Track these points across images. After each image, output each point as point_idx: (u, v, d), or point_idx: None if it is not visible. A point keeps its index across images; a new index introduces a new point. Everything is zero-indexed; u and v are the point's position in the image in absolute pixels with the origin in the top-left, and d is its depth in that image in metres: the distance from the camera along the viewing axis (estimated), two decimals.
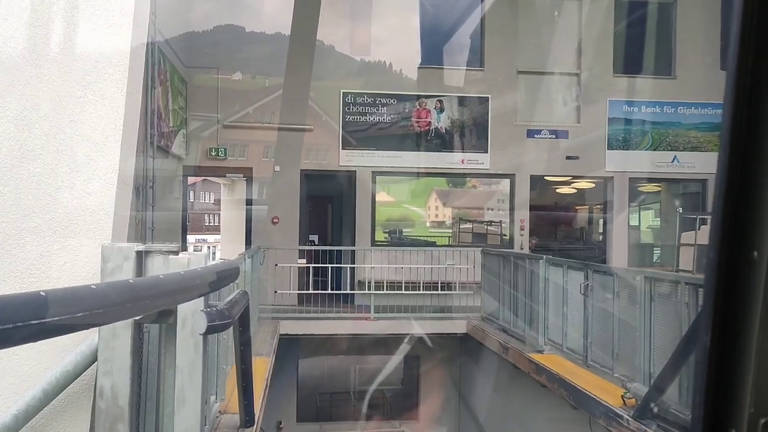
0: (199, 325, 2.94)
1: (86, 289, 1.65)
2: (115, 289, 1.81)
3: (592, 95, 12.85)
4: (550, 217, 15.71)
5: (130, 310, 1.86)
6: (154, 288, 1.97)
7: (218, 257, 23.16)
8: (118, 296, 1.79)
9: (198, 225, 52.79)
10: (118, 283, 1.85)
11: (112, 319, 1.76)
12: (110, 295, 1.76)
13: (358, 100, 12.34)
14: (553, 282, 7.72)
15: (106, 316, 1.72)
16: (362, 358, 12.53)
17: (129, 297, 1.82)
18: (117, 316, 1.79)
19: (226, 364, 5.30)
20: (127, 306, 1.82)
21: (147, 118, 8.49)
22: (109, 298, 1.74)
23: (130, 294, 1.84)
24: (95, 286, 1.68)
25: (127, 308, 1.84)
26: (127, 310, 1.84)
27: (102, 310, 1.71)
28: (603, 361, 6.45)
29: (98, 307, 1.70)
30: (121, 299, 1.79)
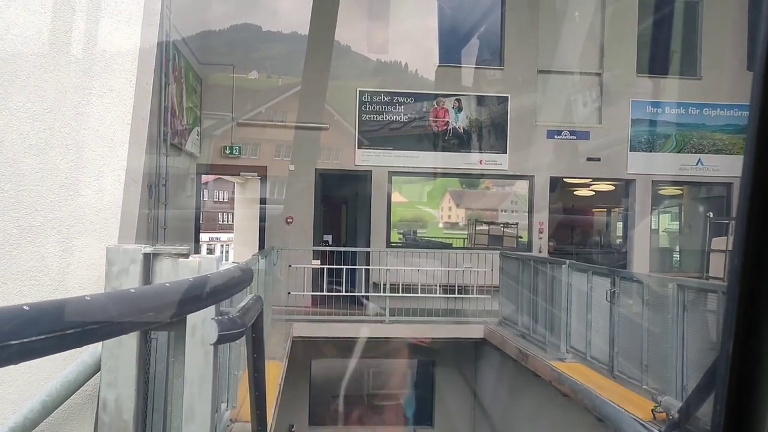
0: (209, 335, 2.72)
1: (79, 302, 1.43)
2: (112, 300, 1.60)
3: (615, 96, 12.54)
4: (568, 219, 15.40)
5: (130, 324, 1.65)
6: (159, 298, 1.76)
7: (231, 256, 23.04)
8: (116, 309, 1.57)
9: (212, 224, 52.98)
10: (116, 294, 1.64)
11: (109, 335, 1.54)
12: (107, 308, 1.54)
13: (375, 98, 12.12)
14: (576, 288, 7.45)
15: (102, 332, 1.50)
16: (376, 362, 12.31)
17: (129, 310, 1.60)
18: (114, 331, 1.58)
19: (237, 369, 5.09)
20: (127, 320, 1.61)
21: (160, 114, 8.32)
22: (106, 311, 1.52)
23: (131, 306, 1.62)
24: (90, 298, 1.46)
25: (126, 323, 1.62)
26: (126, 325, 1.62)
27: (97, 325, 1.50)
28: (631, 372, 6.17)
29: (92, 322, 1.48)
30: (120, 313, 1.57)
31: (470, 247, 12.90)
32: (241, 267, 3.15)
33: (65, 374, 2.79)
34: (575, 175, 12.87)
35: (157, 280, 2.88)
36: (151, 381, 3.12)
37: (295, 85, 12.23)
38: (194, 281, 2.29)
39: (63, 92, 3.06)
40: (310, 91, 11.93)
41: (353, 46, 12.74)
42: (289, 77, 12.43)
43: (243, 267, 3.18)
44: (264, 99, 12.14)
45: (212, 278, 2.54)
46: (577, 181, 13.76)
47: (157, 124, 8.27)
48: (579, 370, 7.12)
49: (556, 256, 11.47)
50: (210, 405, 2.94)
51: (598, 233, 15.45)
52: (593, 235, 15.56)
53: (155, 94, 8.29)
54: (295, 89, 12.20)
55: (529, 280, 8.93)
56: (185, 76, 10.15)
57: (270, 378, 6.45)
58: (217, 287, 2.57)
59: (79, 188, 3.02)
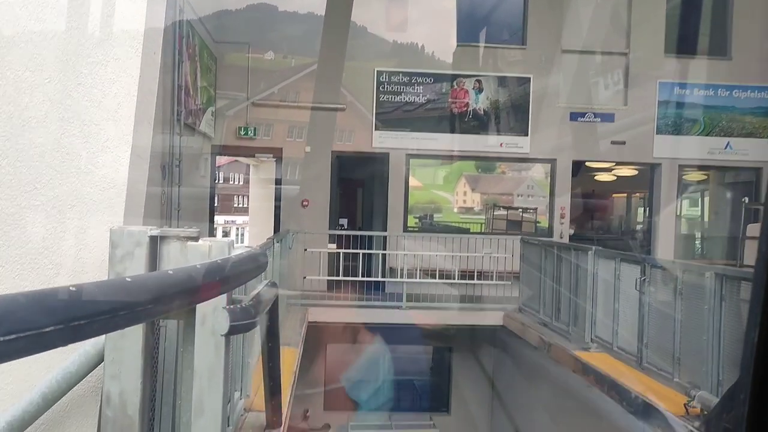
0: (220, 326, 2.50)
1: (60, 293, 1.21)
2: (102, 291, 1.37)
3: (641, 76, 12.12)
4: (588, 205, 15.06)
5: (124, 318, 1.41)
6: (159, 289, 1.53)
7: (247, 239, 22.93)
8: (106, 302, 1.35)
9: (227, 206, 53.03)
10: (107, 284, 1.41)
11: (97, 332, 1.31)
12: (96, 300, 1.31)
13: (393, 79, 11.81)
14: (602, 275, 7.16)
15: (90, 328, 1.28)
16: (392, 347, 12.12)
17: (122, 304, 1.37)
18: (104, 327, 1.35)
19: (251, 357, 4.90)
20: (120, 314, 1.38)
21: (174, 93, 8.10)
22: (96, 305, 1.29)
23: (125, 298, 1.39)
24: (75, 288, 1.24)
25: (120, 317, 1.39)
26: (120, 319, 1.39)
27: (84, 321, 1.27)
28: (661, 364, 5.90)
29: (78, 317, 1.25)
30: (111, 307, 1.35)
31: (488, 232, 12.62)
32: (254, 252, 2.92)
33: (66, 366, 2.58)
34: (599, 159, 12.50)
35: (164, 265, 2.66)
36: (160, 372, 2.91)
37: (311, 65, 11.95)
38: (202, 268, 2.06)
39: (64, 61, 2.82)
40: (327, 72, 11.65)
41: (370, 26, 12.40)
42: (305, 57, 12.13)
43: (257, 252, 2.95)
44: (279, 79, 11.87)
45: (224, 265, 2.32)
46: (599, 165, 13.38)
47: (170, 103, 8.05)
48: (605, 360, 6.86)
49: (575, 242, 11.17)
50: (221, 399, 2.72)
51: (619, 219, 15.08)
52: (614, 220, 15.19)
53: (168, 72, 8.07)
54: (310, 69, 11.91)
55: (551, 267, 8.65)
56: (200, 55, 9.91)
57: (285, 365, 6.26)
58: (228, 275, 2.34)
59: (81, 164, 2.79)
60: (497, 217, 13.33)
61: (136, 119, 2.88)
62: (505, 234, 11.97)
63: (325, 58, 11.61)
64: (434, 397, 12.32)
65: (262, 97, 11.60)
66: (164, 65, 7.97)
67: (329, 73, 11.61)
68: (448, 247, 10.47)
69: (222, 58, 11.47)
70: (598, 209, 15.21)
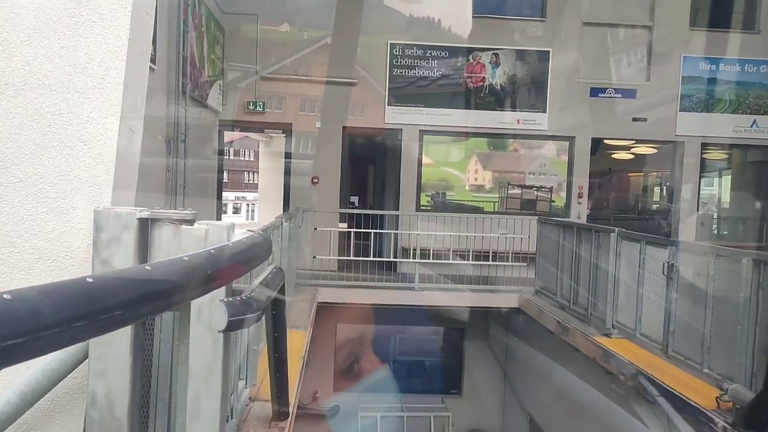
0: (217, 320, 2.21)
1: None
2: (60, 294, 1.07)
3: (665, 51, 11.63)
4: (606, 184, 14.68)
5: (87, 328, 1.13)
6: (132, 288, 1.23)
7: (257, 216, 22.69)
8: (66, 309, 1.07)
9: (238, 182, 52.97)
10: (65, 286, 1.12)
11: (52, 348, 1.03)
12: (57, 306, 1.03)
13: (407, 52, 11.39)
14: (625, 258, 6.83)
15: (44, 343, 1.00)
16: (403, 328, 11.90)
17: (81, 311, 1.08)
18: (63, 341, 1.06)
19: (257, 343, 4.64)
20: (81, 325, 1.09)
21: (179, 64, 7.77)
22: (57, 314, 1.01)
23: (85, 305, 1.10)
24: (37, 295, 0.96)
25: (82, 327, 1.10)
26: (82, 329, 1.11)
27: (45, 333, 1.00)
28: (689, 353, 5.60)
29: (30, 331, 0.97)
30: (67, 316, 1.06)
31: (503, 211, 12.26)
32: (257, 237, 2.62)
33: (47, 362, 2.32)
34: (619, 137, 12.08)
35: (155, 251, 2.37)
36: (155, 366, 2.65)
37: (322, 38, 11.54)
38: (192, 259, 1.76)
39: (44, 20, 2.52)
40: (339, 44, 11.26)
41: None
42: (317, 30, 11.72)
43: (259, 237, 2.64)
44: (290, 52, 11.48)
45: (217, 254, 2.02)
46: (618, 143, 12.96)
47: (175, 75, 7.73)
48: (626, 347, 6.57)
49: (591, 222, 10.83)
50: (219, 400, 2.45)
51: (637, 198, 14.68)
52: (631, 200, 14.80)
53: (173, 43, 7.74)
54: (322, 42, 11.51)
55: (570, 249, 8.33)
56: (206, 25, 9.55)
57: (293, 350, 6.01)
58: (226, 264, 2.05)
59: (64, 137, 2.50)
60: (511, 196, 12.97)
61: (126, 87, 2.58)
62: (519, 213, 11.65)
63: (338, 31, 11.21)
64: (446, 379, 12.11)
65: (272, 70, 11.24)
66: (169, 35, 7.65)
67: (342, 46, 11.22)
68: (461, 227, 10.13)
69: (230, 30, 11.10)
70: (615, 189, 14.81)
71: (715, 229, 12.99)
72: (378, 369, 12.64)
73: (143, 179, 6.25)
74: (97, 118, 2.53)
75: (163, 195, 7.66)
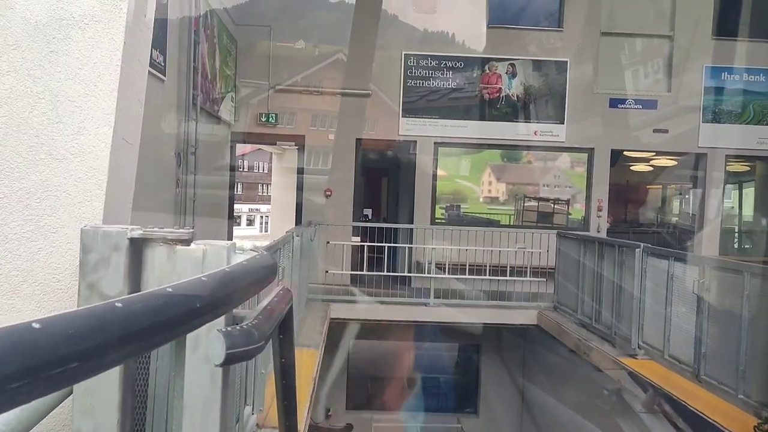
0: (214, 353, 1.98)
1: None
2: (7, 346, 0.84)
3: (687, 61, 11.33)
4: (624, 197, 14.34)
5: (43, 384, 0.89)
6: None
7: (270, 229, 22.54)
8: (16, 363, 0.83)
9: (252, 194, 53.08)
10: (14, 333, 0.88)
11: None
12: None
13: (422, 63, 11.20)
14: (652, 275, 6.53)
15: None
16: (418, 345, 11.61)
17: (30, 366, 0.84)
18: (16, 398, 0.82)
19: (265, 367, 4.40)
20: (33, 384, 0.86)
21: (189, 75, 7.62)
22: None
23: (34, 361, 0.86)
24: None
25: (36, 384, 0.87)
26: (37, 385, 0.87)
27: None
28: (723, 377, 5.27)
29: None
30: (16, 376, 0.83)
31: (519, 225, 11.97)
32: (260, 258, 2.39)
33: None
34: (640, 148, 11.76)
35: (148, 273, 2.14)
36: (150, 399, 2.42)
37: (336, 50, 11.39)
38: (182, 288, 1.53)
39: (33, 24, 2.32)
40: (353, 56, 11.10)
41: (398, 7, 11.77)
42: (331, 41, 11.58)
43: (263, 257, 2.42)
44: (303, 63, 11.33)
45: (210, 283, 1.78)
46: (637, 155, 12.63)
47: (186, 86, 7.58)
48: (653, 369, 6.25)
49: (610, 236, 10.53)
50: None
51: (658, 211, 14.32)
52: (652, 213, 14.44)
53: (183, 53, 7.59)
54: (336, 54, 11.36)
55: (592, 264, 8.03)
56: (218, 37, 9.42)
57: (304, 370, 5.77)
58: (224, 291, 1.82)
59: (52, 149, 2.29)
60: (528, 209, 12.68)
61: (120, 94, 2.38)
62: (535, 226, 11.37)
63: (352, 42, 11.06)
64: (461, 397, 11.79)
65: (285, 82, 11.09)
66: (180, 46, 7.51)
67: (356, 58, 11.06)
68: (477, 241, 9.85)
69: (243, 42, 10.98)
70: (635, 201, 14.47)
71: (737, 243, 12.61)
72: (392, 386, 12.35)
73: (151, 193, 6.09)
74: (88, 129, 2.33)
75: (172, 209, 7.48)
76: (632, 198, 14.33)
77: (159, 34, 6.71)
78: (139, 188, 6.02)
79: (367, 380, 12.16)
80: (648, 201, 14.46)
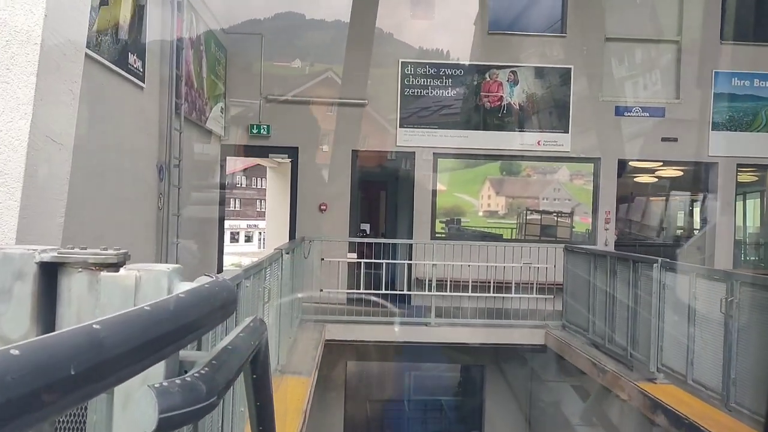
0: (144, 417, 1.49)
1: None
2: None
3: (695, 66, 10.90)
4: (631, 208, 13.86)
5: None
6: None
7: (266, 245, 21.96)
8: None
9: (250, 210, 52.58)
10: None
11: None
12: None
13: (419, 71, 10.76)
14: (672, 292, 6.03)
15: None
16: (418, 366, 11.07)
17: None
18: None
19: (244, 405, 3.87)
20: None
21: (171, 82, 7.16)
22: None
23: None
24: None
25: None
26: None
27: None
28: (755, 406, 4.75)
29: None
30: None
31: (521, 238, 11.44)
32: (212, 287, 1.89)
33: None
34: (647, 158, 11.30)
35: (63, 308, 1.63)
36: None
37: (330, 58, 10.97)
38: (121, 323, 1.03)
39: None
40: (348, 64, 10.66)
41: (395, 13, 11.36)
42: (325, 49, 11.16)
43: (216, 286, 1.92)
44: (296, 72, 10.90)
45: (157, 313, 1.28)
46: (644, 165, 12.16)
47: (168, 93, 7.12)
48: (676, 395, 5.72)
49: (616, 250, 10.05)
50: None
51: (666, 224, 13.83)
52: (659, 225, 13.95)
53: (166, 60, 7.14)
54: (331, 62, 10.94)
55: (604, 280, 7.52)
56: (206, 44, 8.99)
57: (293, 402, 5.23)
58: (164, 331, 1.31)
59: None
60: (530, 222, 12.18)
61: (41, 81, 1.91)
62: (538, 240, 10.88)
63: (347, 50, 10.64)
64: (464, 421, 11.21)
65: (277, 92, 10.64)
66: (162, 52, 7.07)
67: (352, 66, 10.63)
68: (480, 256, 9.34)
69: (233, 50, 10.56)
70: (643, 213, 13.99)
71: (754, 256, 12.11)
72: (392, 411, 11.79)
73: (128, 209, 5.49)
74: None
75: (153, 226, 6.98)
76: (639, 209, 13.86)
77: (137, 39, 6.26)
78: (113, 203, 5.49)
79: (366, 401, 11.61)
80: (655, 213, 13.97)
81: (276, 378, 5.77)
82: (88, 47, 5.14)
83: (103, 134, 5.58)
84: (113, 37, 5.60)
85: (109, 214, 5.70)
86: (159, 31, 6.88)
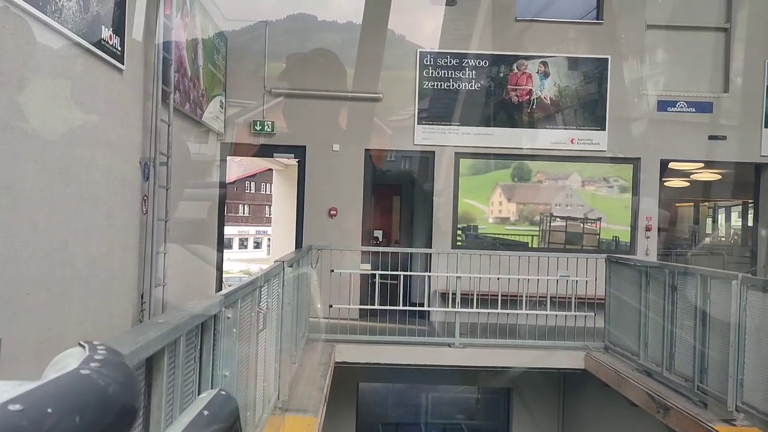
0: None
1: None
2: None
3: (746, 57, 9.82)
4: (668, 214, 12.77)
5: None
6: None
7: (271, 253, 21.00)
8: None
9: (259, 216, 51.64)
10: None
11: None
12: None
13: (440, 62, 9.75)
14: (754, 316, 4.95)
15: None
16: (438, 388, 10.02)
17: None
18: None
19: None
20: None
21: (156, 66, 6.18)
22: None
23: None
24: None
25: None
26: None
27: None
28: None
29: None
30: None
31: (545, 247, 10.32)
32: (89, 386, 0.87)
33: None
34: (693, 158, 10.19)
35: None
36: None
37: (341, 48, 9.98)
38: None
39: None
40: (361, 54, 9.68)
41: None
42: (336, 38, 10.19)
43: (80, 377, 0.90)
44: (304, 64, 9.92)
45: None
46: (687, 166, 11.07)
47: (153, 79, 6.14)
48: None
49: None
50: None
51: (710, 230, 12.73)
52: (701, 232, 12.85)
53: (151, 40, 6.16)
54: (342, 52, 9.95)
55: (657, 297, 6.45)
56: (202, 29, 8.03)
57: None
58: None
59: None
60: (554, 229, 11.06)
61: None
62: (563, 249, 9.81)
63: (360, 39, 9.66)
64: None
65: (283, 85, 9.67)
66: (146, 32, 6.09)
67: (364, 57, 9.65)
68: (511, 268, 8.26)
69: (234, 40, 9.60)
70: (681, 219, 12.90)
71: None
72: (406, 430, 10.75)
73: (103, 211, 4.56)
74: None
75: (136, 233, 6.00)
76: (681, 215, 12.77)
77: (114, 11, 5.29)
78: (80, 205, 4.41)
79: (379, 423, 10.56)
80: (697, 218, 12.87)
81: (276, 418, 4.75)
82: (43, 11, 4.13)
83: (65, 122, 4.61)
84: (80, 4, 4.62)
85: (74, 217, 4.73)
86: (143, 5, 5.91)
